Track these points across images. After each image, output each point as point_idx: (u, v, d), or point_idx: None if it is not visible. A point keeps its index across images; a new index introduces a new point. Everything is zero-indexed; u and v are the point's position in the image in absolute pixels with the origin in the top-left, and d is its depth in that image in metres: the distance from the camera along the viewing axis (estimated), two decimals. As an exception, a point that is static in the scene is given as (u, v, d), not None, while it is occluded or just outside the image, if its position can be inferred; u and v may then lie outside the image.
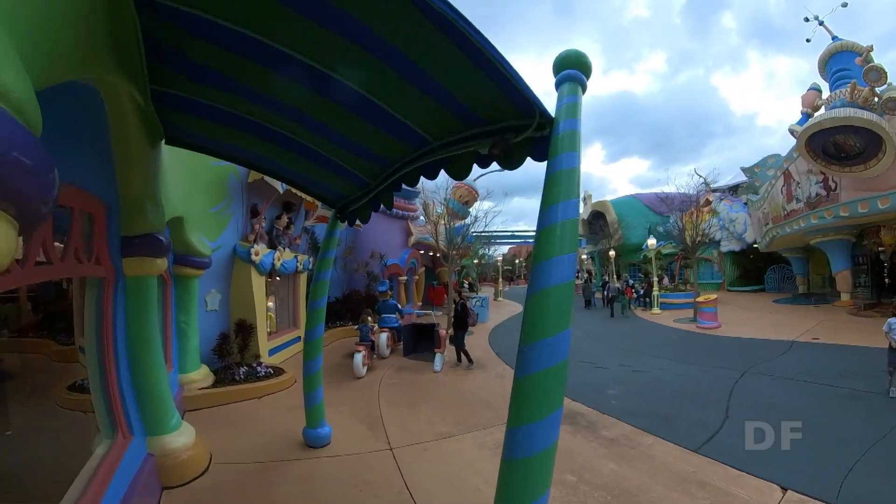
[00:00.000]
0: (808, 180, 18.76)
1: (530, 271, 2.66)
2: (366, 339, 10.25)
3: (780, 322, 15.71)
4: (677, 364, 10.41)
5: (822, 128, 15.45)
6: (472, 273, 38.28)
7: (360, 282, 16.61)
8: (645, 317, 19.96)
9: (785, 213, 21.05)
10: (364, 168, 4.69)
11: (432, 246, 16.64)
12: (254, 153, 5.19)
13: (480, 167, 3.31)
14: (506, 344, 13.18)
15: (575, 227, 2.60)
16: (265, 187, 10.61)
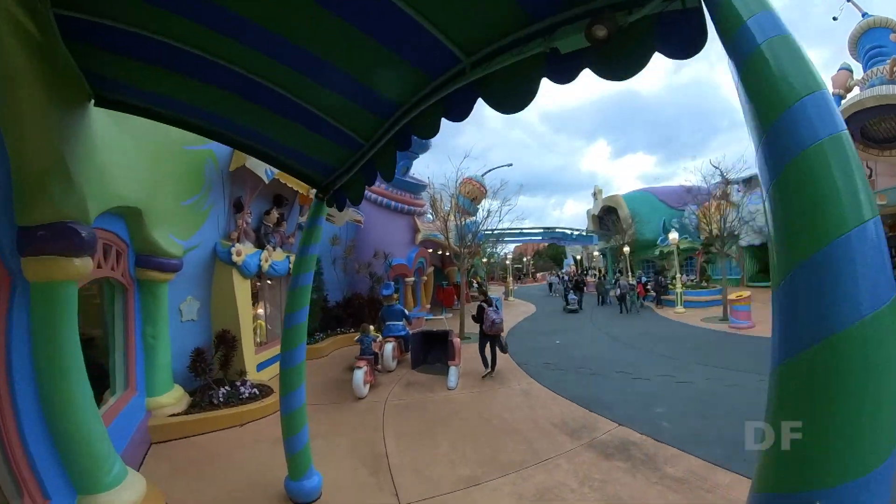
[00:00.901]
0: None
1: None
2: (367, 352, 8.87)
3: None
4: (723, 372, 9.07)
5: (864, 107, 14.32)
6: (480, 272, 36.95)
7: (363, 284, 15.22)
8: (668, 315, 18.54)
9: None
10: (362, 122, 3.33)
11: (441, 244, 15.23)
12: (211, 113, 3.80)
13: (554, 81, 1.90)
14: (526, 350, 11.80)
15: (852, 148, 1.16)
16: (249, 177, 9.25)
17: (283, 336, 4.67)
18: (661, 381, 8.62)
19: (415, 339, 10.26)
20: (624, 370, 9.49)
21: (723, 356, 10.49)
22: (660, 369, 9.46)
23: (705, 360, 10.09)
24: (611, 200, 36.58)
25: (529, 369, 9.86)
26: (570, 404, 7.36)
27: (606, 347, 12.27)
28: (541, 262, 75.79)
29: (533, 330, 16.19)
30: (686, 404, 7.21)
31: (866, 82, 16.18)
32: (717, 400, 7.37)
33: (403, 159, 16.89)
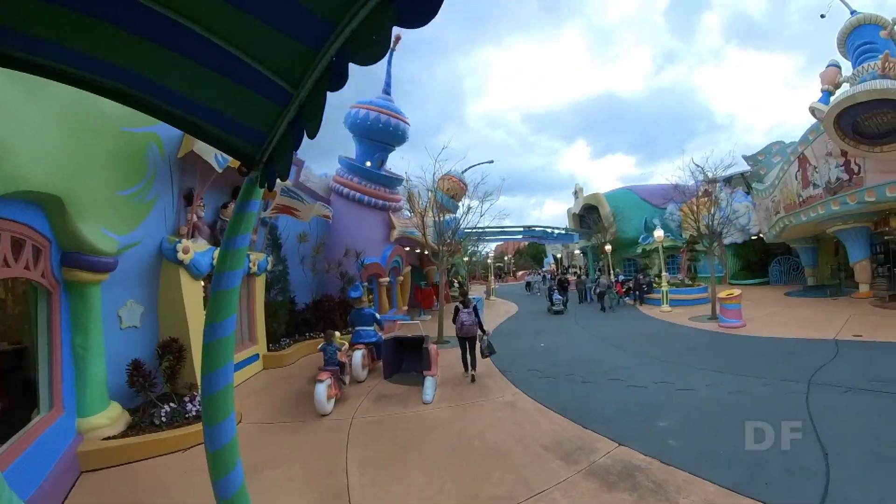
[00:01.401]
0: (826, 164, 17.45)
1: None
2: (331, 362, 7.91)
3: (807, 318, 14.20)
4: (723, 376, 8.33)
5: (856, 102, 14.04)
6: (461, 271, 36.13)
7: (334, 285, 14.25)
8: (654, 314, 17.92)
9: (800, 201, 19.76)
10: (286, 54, 2.37)
11: (419, 241, 14.29)
12: (119, 68, 2.78)
13: None
14: (510, 354, 10.95)
15: None
16: (200, 164, 8.22)
17: (203, 353, 3.67)
18: (659, 388, 7.85)
19: (387, 346, 9.31)
20: (617, 376, 8.70)
21: (719, 358, 9.79)
22: (656, 374, 8.70)
23: (702, 363, 9.37)
24: (592, 198, 36.11)
25: (514, 376, 9.02)
26: (562, 419, 6.52)
27: (595, 350, 11.52)
28: (521, 260, 75.38)
29: (516, 331, 15.37)
30: (691, 416, 6.44)
31: (857, 78, 15.91)
32: (723, 409, 6.62)
33: (379, 151, 15.98)
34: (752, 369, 8.60)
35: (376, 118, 15.29)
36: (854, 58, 17.18)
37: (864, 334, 10.85)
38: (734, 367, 8.87)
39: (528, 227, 38.44)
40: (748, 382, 7.80)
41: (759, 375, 8.14)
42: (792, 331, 12.16)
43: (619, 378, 8.58)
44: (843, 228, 18.47)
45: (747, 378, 8.07)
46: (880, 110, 13.83)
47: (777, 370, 8.37)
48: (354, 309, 9.90)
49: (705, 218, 16.88)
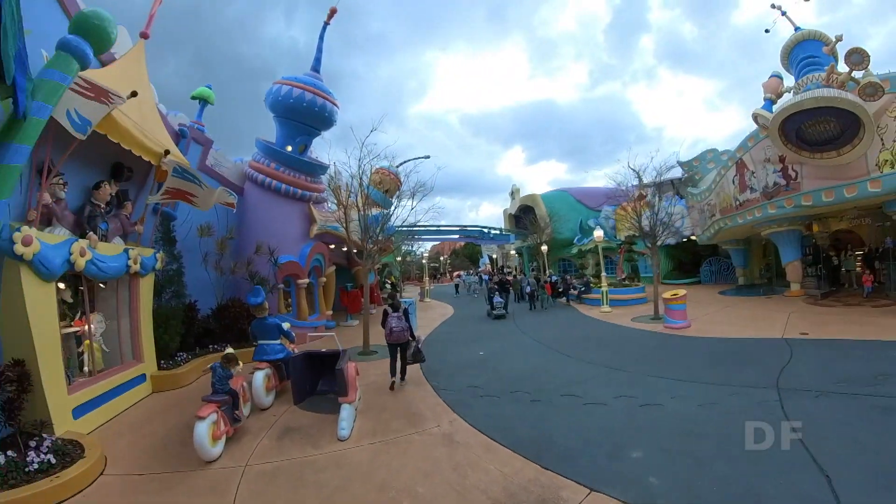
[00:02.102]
0: (764, 169, 17.97)
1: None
2: (221, 391, 6.15)
3: (748, 317, 14.25)
4: (686, 386, 7.44)
5: (802, 108, 14.24)
6: (394, 272, 34.49)
7: (245, 287, 12.26)
8: (594, 315, 17.23)
9: (737, 204, 20.30)
10: None
11: (342, 237, 12.55)
12: None
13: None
14: (445, 367, 9.60)
15: None
16: (51, 127, 6.19)
17: None
18: (621, 405, 6.73)
19: (297, 364, 7.57)
20: (571, 391, 7.51)
21: (675, 364, 8.95)
22: (613, 387, 7.62)
23: (659, 371, 8.43)
24: (529, 199, 35.75)
25: (451, 396, 7.58)
26: (514, 457, 5.16)
27: (540, 358, 10.36)
28: (457, 260, 74.64)
29: (452, 338, 13.95)
30: (666, 441, 5.32)
31: (801, 88, 16.47)
32: (698, 429, 5.62)
33: (302, 135, 14.15)
34: (714, 375, 7.86)
35: (300, 96, 13.40)
36: (797, 70, 17.82)
37: (810, 332, 10.76)
38: (694, 374, 8.07)
39: (464, 227, 37.43)
40: (714, 392, 6.99)
41: (723, 382, 7.39)
42: (739, 330, 11.93)
43: (573, 393, 7.40)
44: (777, 231, 19.01)
45: (711, 387, 7.26)
46: (823, 118, 14.14)
47: (740, 376, 7.72)
48: (256, 318, 8.07)
49: (647, 218, 16.44)
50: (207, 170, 12.99)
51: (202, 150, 12.79)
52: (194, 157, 12.58)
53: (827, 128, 14.34)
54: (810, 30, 17.95)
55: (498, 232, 38.22)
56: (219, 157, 13.98)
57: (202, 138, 12.79)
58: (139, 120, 8.54)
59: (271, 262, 12.24)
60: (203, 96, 13.41)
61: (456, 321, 18.20)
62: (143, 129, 8.58)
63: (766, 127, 16.42)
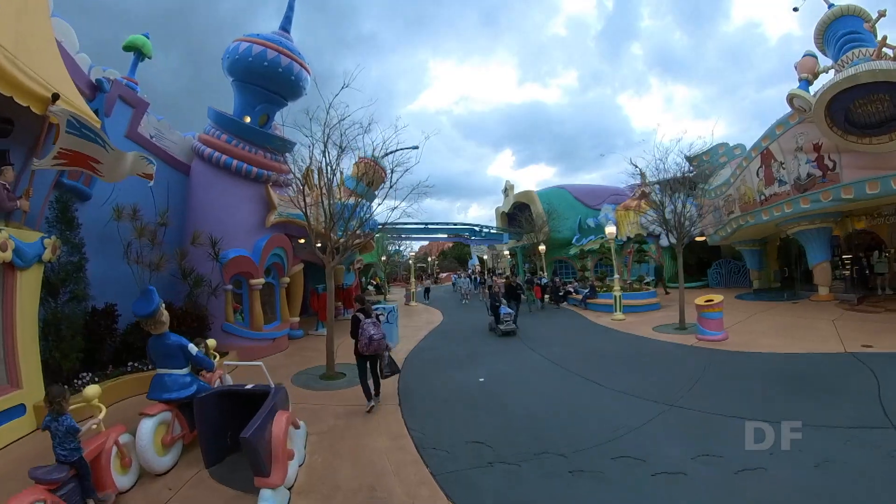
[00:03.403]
0: (795, 159, 16.08)
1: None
2: (64, 460, 3.70)
3: (788, 326, 12.23)
4: (775, 430, 5.05)
5: (857, 82, 12.43)
6: (379, 272, 31.94)
7: (177, 288, 9.68)
8: (606, 323, 14.85)
9: (762, 199, 18.15)
10: None
11: (303, 225, 9.89)
12: None
13: None
14: (435, 403, 7.08)
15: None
16: None
17: None
18: (708, 474, 4.33)
19: (206, 409, 4.98)
20: (624, 449, 5.02)
21: (739, 392, 6.76)
22: (680, 438, 5.20)
23: (726, 405, 6.14)
24: (524, 196, 33.42)
25: (444, 464, 4.95)
26: None
27: (561, 386, 7.87)
28: (446, 262, 72.19)
29: (441, 356, 11.10)
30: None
31: (844, 65, 14.56)
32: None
33: (263, 103, 11.61)
34: (802, 411, 5.65)
35: (261, 54, 10.82)
36: (836, 47, 16.23)
37: (874, 344, 9.09)
38: (775, 410, 5.83)
39: (455, 225, 34.86)
40: (821, 440, 4.83)
41: (823, 423, 5.30)
42: (787, 343, 10.01)
43: (629, 454, 4.92)
44: (807, 229, 17.11)
45: (813, 432, 5.04)
46: (878, 95, 12.50)
47: (834, 411, 5.72)
48: (153, 336, 5.45)
49: (670, 212, 14.22)
50: (142, 140, 10.41)
51: (133, 114, 10.19)
52: (121, 121, 10.01)
53: (880, 108, 12.69)
54: (847, 4, 16.25)
55: (491, 231, 35.70)
56: (162, 129, 11.38)
57: (133, 98, 10.19)
58: (13, 47, 6.03)
59: (211, 256, 9.64)
60: (136, 46, 10.73)
61: (446, 332, 15.34)
62: (20, 60, 6.06)
63: (802, 109, 14.51)
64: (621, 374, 8.34)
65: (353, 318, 7.15)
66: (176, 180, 11.10)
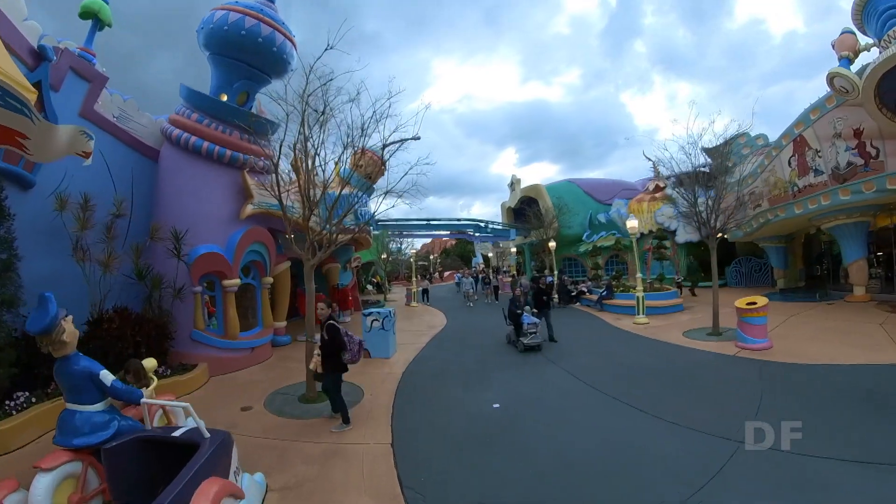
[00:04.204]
0: (833, 147, 14.75)
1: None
2: None
3: (833, 331, 11.03)
4: None
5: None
6: (380, 271, 30.53)
7: (137, 291, 8.28)
8: (628, 327, 13.40)
9: (795, 191, 16.70)
10: None
11: (277, 215, 8.35)
12: None
13: None
14: (437, 444, 5.61)
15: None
16: None
17: None
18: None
19: (118, 461, 3.58)
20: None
21: (830, 420, 5.43)
22: (773, 492, 3.84)
23: (820, 440, 4.75)
24: (531, 191, 31.89)
25: None
26: None
27: (598, 417, 6.35)
28: (448, 260, 70.70)
29: (445, 369, 9.47)
30: None
31: (891, 41, 13.09)
32: None
33: (242, 79, 10.23)
34: None
35: (238, 22, 9.37)
36: (880, 23, 14.56)
37: None
38: (884, 450, 4.53)
39: (460, 220, 33.25)
40: None
41: None
42: (842, 352, 8.85)
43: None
44: (843, 223, 15.72)
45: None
46: None
47: None
48: (58, 359, 4.05)
49: (702, 203, 12.80)
50: (100, 120, 9.03)
51: (88, 90, 8.81)
52: (74, 98, 8.64)
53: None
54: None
55: (498, 226, 34.09)
56: (128, 109, 10.01)
57: (89, 72, 8.80)
58: None
59: (172, 253, 8.22)
60: (93, 11, 9.30)
61: (449, 338, 13.55)
62: None
63: (844, 90, 13.00)
64: (665, 395, 6.90)
65: (328, 327, 6.00)
66: (143, 167, 9.71)
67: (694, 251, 26.34)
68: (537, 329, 10.81)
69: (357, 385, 7.88)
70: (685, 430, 5.49)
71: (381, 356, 10.13)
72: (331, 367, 6.15)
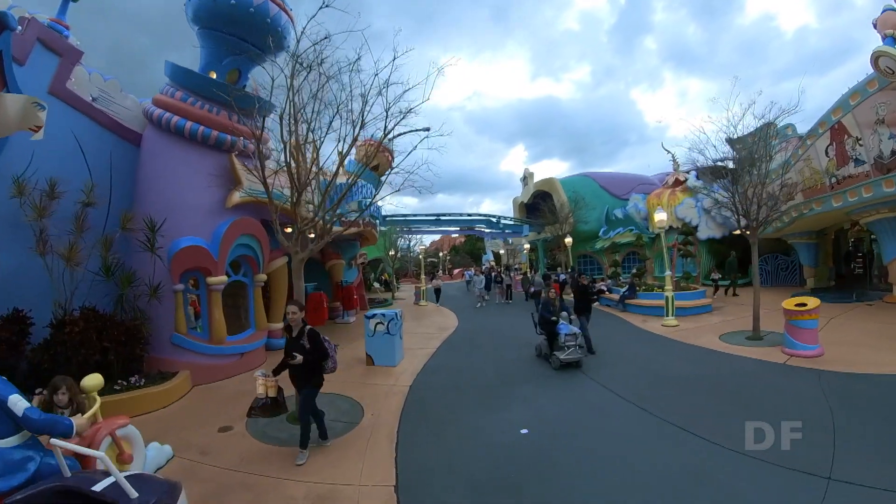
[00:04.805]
0: (875, 134, 13.48)
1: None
2: None
3: (879, 335, 9.94)
4: None
5: None
6: (388, 268, 29.57)
7: (110, 289, 7.33)
8: (657, 330, 12.28)
9: (833, 182, 15.25)
10: None
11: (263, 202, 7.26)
12: None
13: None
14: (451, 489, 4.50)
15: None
16: None
17: None
18: None
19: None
20: None
21: None
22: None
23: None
24: (545, 184, 30.66)
25: None
26: None
27: (644, 440, 5.28)
28: (458, 257, 69.62)
29: (460, 381, 8.29)
30: None
31: None
32: None
33: (233, 55, 9.24)
34: None
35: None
36: None
37: None
38: None
39: (470, 216, 32.04)
40: None
41: None
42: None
43: None
44: (885, 217, 14.42)
45: None
46: None
47: None
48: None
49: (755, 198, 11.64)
50: (73, 99, 8.13)
51: (59, 64, 7.89)
52: (43, 73, 7.74)
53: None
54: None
55: (510, 222, 32.84)
56: (110, 90, 9.08)
57: (60, 44, 7.89)
58: None
59: (145, 246, 7.25)
60: (65, -22, 8.45)
61: (463, 341, 12.41)
62: None
63: (890, 71, 11.76)
64: (722, 415, 5.77)
65: (311, 332, 5.07)
66: (124, 153, 8.74)
67: (716, 248, 25.13)
68: (577, 341, 8.81)
69: (356, 401, 6.89)
70: (758, 463, 4.40)
71: (386, 364, 9.10)
72: (309, 381, 5.18)
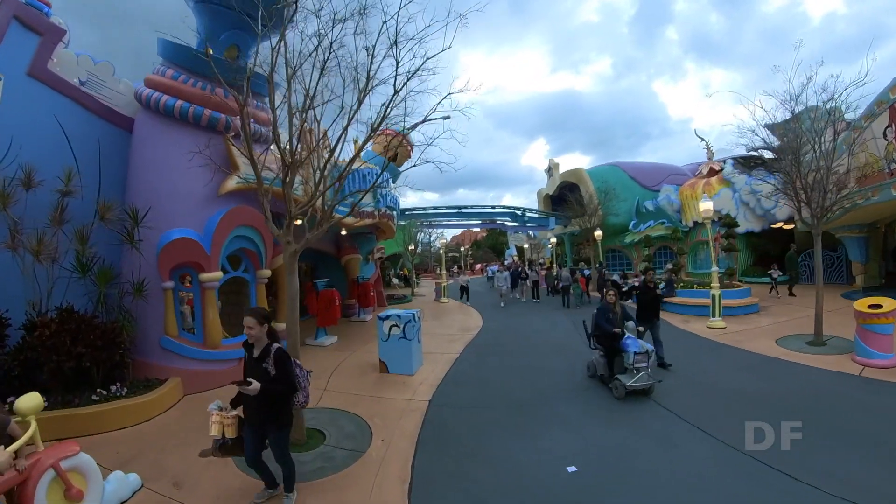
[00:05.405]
0: None
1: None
2: None
3: None
4: None
5: None
6: (407, 263, 28.73)
7: (81, 288, 6.55)
8: (698, 331, 11.14)
9: (892, 168, 13.66)
10: None
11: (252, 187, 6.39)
12: None
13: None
14: None
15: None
16: None
17: None
18: None
19: None
20: None
21: None
22: None
23: None
24: (571, 175, 29.32)
25: None
26: None
27: (719, 481, 4.13)
28: (479, 252, 68.54)
29: (488, 396, 7.09)
30: None
31: None
32: None
33: (231, 29, 8.45)
34: None
35: (224, -41, 7.62)
36: None
37: None
38: None
39: (493, 209, 30.80)
40: None
41: None
42: None
43: None
44: None
45: None
46: None
47: None
48: None
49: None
50: (55, 81, 7.40)
51: (39, 44, 7.17)
52: (21, 54, 7.03)
53: None
54: None
55: (535, 214, 31.47)
56: (101, 74, 8.36)
57: (40, 22, 7.17)
58: None
59: (124, 238, 6.48)
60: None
61: (488, 344, 11.19)
62: None
63: None
64: (805, 442, 4.64)
65: (279, 353, 3.81)
66: (114, 139, 7.99)
67: (754, 242, 23.57)
68: (648, 360, 6.62)
69: (364, 421, 5.85)
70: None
71: (403, 372, 8.05)
72: (273, 420, 3.80)
